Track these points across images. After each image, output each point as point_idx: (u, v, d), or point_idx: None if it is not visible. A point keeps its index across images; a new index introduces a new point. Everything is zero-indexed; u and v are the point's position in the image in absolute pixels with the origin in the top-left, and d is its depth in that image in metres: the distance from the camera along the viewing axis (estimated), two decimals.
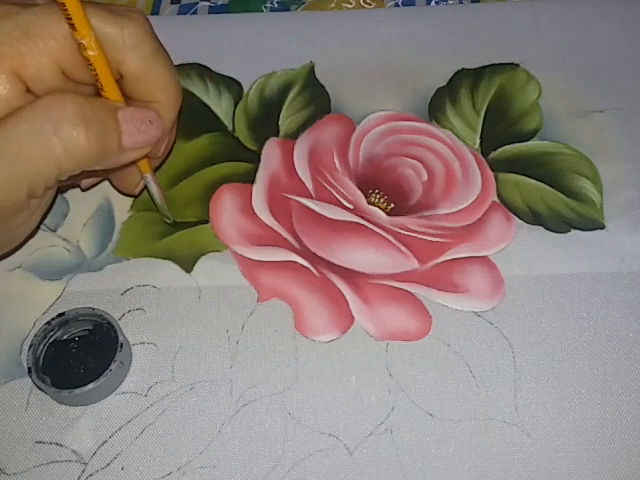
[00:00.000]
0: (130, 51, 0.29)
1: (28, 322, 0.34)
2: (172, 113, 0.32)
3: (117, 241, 0.37)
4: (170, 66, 0.31)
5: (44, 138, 0.27)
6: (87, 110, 0.28)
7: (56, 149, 0.27)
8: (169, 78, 0.31)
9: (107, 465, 0.31)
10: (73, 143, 0.28)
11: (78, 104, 0.28)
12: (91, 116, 0.28)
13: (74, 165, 0.28)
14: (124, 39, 0.29)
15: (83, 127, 0.28)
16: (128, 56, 0.29)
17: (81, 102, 0.28)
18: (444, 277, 0.35)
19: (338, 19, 0.47)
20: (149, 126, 0.30)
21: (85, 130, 0.28)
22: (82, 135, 0.28)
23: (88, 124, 0.28)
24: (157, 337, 0.34)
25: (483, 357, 0.33)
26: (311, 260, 0.36)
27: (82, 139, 0.28)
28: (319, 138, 0.41)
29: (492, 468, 0.30)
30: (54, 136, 0.27)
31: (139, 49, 0.29)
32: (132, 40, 0.29)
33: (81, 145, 0.28)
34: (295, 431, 0.31)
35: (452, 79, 0.43)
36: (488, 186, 0.39)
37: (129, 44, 0.29)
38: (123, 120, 0.30)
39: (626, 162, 0.39)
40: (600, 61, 0.44)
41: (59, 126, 0.27)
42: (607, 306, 0.34)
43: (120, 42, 0.29)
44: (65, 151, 0.28)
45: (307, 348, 0.33)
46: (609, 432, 0.31)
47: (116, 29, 0.28)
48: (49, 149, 0.27)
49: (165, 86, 0.31)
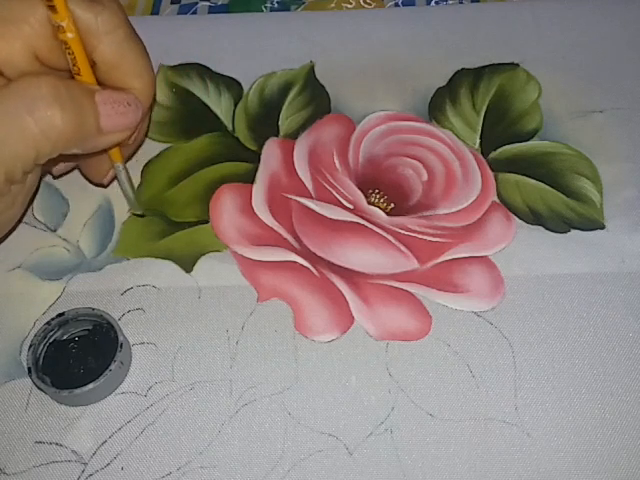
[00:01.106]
0: (104, 37, 0.29)
1: (28, 322, 0.34)
2: (147, 100, 0.32)
3: (117, 241, 0.37)
4: (144, 53, 0.31)
5: (18, 119, 0.27)
6: (62, 91, 0.28)
7: (31, 129, 0.27)
8: (143, 64, 0.31)
9: (107, 465, 0.31)
10: (49, 123, 0.27)
11: (53, 85, 0.28)
12: (66, 96, 0.28)
13: (51, 146, 0.28)
14: (98, 25, 0.29)
15: (58, 107, 0.27)
16: (102, 42, 0.29)
17: (56, 83, 0.28)
18: (444, 277, 0.35)
19: (338, 19, 0.47)
20: (127, 108, 0.30)
21: (60, 110, 0.28)
22: (57, 115, 0.27)
23: (63, 104, 0.28)
24: (157, 337, 0.34)
25: (483, 357, 0.33)
26: (311, 260, 0.36)
27: (57, 119, 0.28)
28: (319, 138, 0.41)
29: (492, 468, 0.30)
30: (29, 116, 0.27)
31: (113, 35, 0.29)
32: (106, 26, 0.29)
33: (57, 125, 0.28)
34: (295, 431, 0.31)
35: (452, 79, 0.43)
36: (488, 186, 0.39)
37: (103, 30, 0.29)
38: (100, 101, 0.29)
39: (626, 162, 0.39)
40: (600, 61, 0.44)
41: (33, 106, 0.27)
42: (607, 306, 0.34)
43: (94, 28, 0.29)
44: (41, 132, 0.27)
45: (307, 348, 0.33)
46: (609, 432, 0.31)
47: (90, 14, 0.28)
48: (24, 130, 0.27)
49: (139, 72, 0.31)
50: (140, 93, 0.31)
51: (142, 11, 0.48)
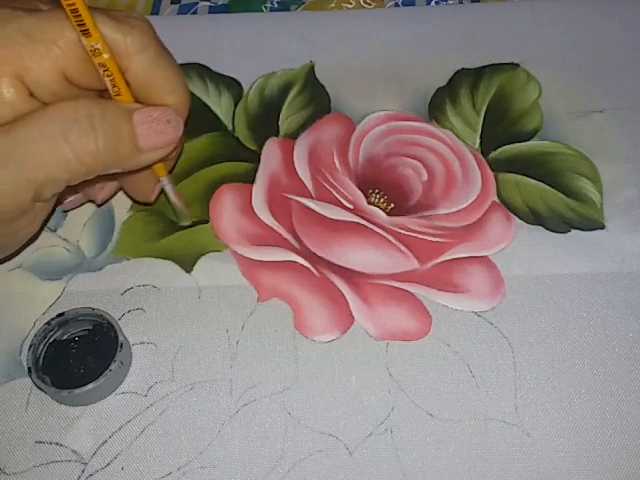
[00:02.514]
0: (134, 57, 0.29)
1: (28, 322, 0.34)
2: (183, 115, 0.32)
3: (117, 241, 0.37)
4: (176, 69, 0.31)
5: (54, 143, 0.27)
6: (97, 114, 0.28)
7: (66, 154, 0.28)
8: (176, 81, 0.31)
9: (107, 465, 0.31)
10: (83, 148, 0.28)
11: (89, 109, 0.28)
12: (101, 120, 0.28)
13: (85, 170, 0.29)
14: (127, 45, 0.29)
15: (92, 132, 0.28)
16: (132, 62, 0.29)
17: (92, 107, 0.28)
18: (444, 277, 0.35)
19: (338, 19, 0.47)
20: (166, 126, 0.30)
21: (94, 135, 0.28)
22: (91, 140, 0.28)
23: (98, 129, 0.28)
24: (157, 337, 0.34)
25: (483, 357, 0.33)
26: (311, 260, 0.36)
27: (92, 144, 0.28)
28: (319, 138, 0.41)
29: (492, 468, 0.30)
30: (64, 141, 0.27)
31: (143, 55, 0.29)
32: (136, 46, 0.29)
33: (91, 150, 0.28)
34: (295, 431, 0.31)
35: (452, 79, 0.43)
36: (488, 186, 0.39)
37: (133, 50, 0.29)
38: (138, 122, 0.29)
39: (626, 162, 0.39)
40: (600, 61, 0.44)
41: (69, 131, 0.27)
42: (607, 306, 0.34)
43: (123, 48, 0.29)
44: (75, 157, 0.28)
45: (307, 348, 0.33)
46: (609, 432, 0.31)
47: (119, 35, 0.28)
48: (59, 154, 0.27)
49: (173, 89, 0.31)
50: (176, 109, 0.31)
51: (142, 11, 0.48)
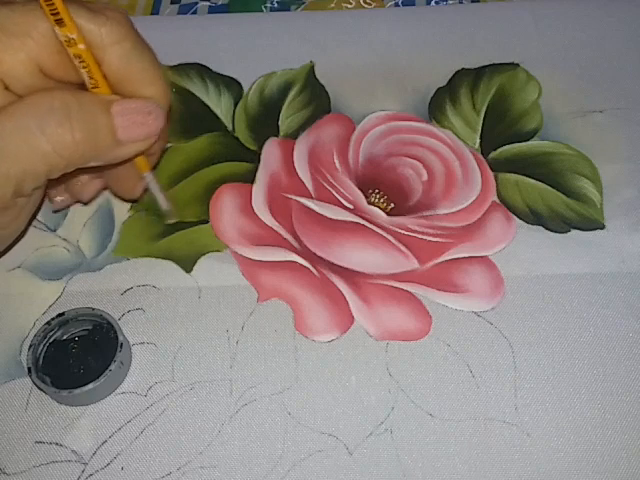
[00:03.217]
0: (109, 48, 0.28)
1: (28, 322, 0.34)
2: (163, 107, 0.31)
3: (117, 241, 0.37)
4: (153, 61, 0.30)
5: (30, 135, 0.27)
6: (74, 106, 0.28)
7: (43, 147, 0.27)
8: (154, 73, 0.30)
9: (107, 465, 0.31)
10: (60, 140, 0.27)
11: (65, 101, 0.27)
12: (78, 112, 0.28)
13: (64, 163, 0.28)
14: (102, 36, 0.28)
15: (68, 123, 0.27)
16: (108, 53, 0.29)
17: (68, 99, 0.28)
18: (444, 277, 0.35)
19: (338, 19, 0.47)
20: (147, 117, 0.30)
21: (70, 127, 0.27)
22: (68, 132, 0.27)
23: (74, 121, 0.28)
24: (157, 337, 0.34)
25: (483, 357, 0.33)
26: (311, 260, 0.36)
27: (68, 136, 0.27)
28: (319, 138, 0.41)
29: (492, 468, 0.30)
30: (40, 133, 0.27)
31: (119, 46, 0.29)
32: (111, 37, 0.28)
33: (68, 142, 0.27)
34: (295, 431, 0.31)
35: (452, 79, 0.43)
36: (488, 186, 0.39)
37: (108, 41, 0.28)
38: (117, 113, 0.29)
39: (626, 162, 0.39)
40: (600, 61, 0.44)
41: (45, 123, 0.27)
42: (607, 306, 0.34)
43: (99, 39, 0.28)
44: (53, 149, 0.27)
45: (307, 348, 0.33)
46: (609, 432, 0.31)
47: (94, 26, 0.28)
48: (35, 147, 0.27)
49: (150, 81, 0.30)
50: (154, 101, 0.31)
51: (142, 11, 0.48)
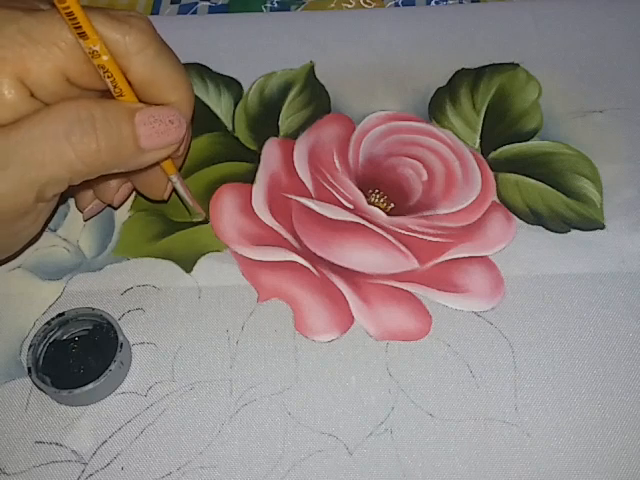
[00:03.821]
0: (134, 57, 0.29)
1: (28, 322, 0.34)
2: (187, 111, 0.32)
3: (117, 241, 0.37)
4: (178, 65, 0.31)
5: (56, 143, 0.27)
6: (98, 115, 0.28)
7: (68, 154, 0.28)
8: (178, 78, 0.31)
9: (107, 465, 0.31)
10: (84, 149, 0.28)
11: (90, 110, 0.28)
12: (103, 121, 0.28)
13: (87, 170, 0.29)
14: (127, 45, 0.28)
15: (93, 132, 0.28)
16: (132, 62, 0.29)
17: (94, 107, 0.28)
18: (444, 277, 0.35)
19: (338, 19, 0.47)
20: (169, 126, 0.30)
21: (96, 136, 0.28)
22: (93, 141, 0.28)
23: (99, 130, 0.28)
24: (157, 337, 0.34)
25: (483, 357, 0.33)
26: (311, 260, 0.36)
27: (93, 145, 0.28)
28: (319, 138, 0.41)
29: (492, 468, 0.30)
30: (66, 141, 0.27)
31: (143, 54, 0.29)
32: (135, 46, 0.28)
33: (92, 151, 0.28)
34: (295, 431, 0.31)
35: (452, 79, 0.43)
36: (488, 186, 0.39)
37: (132, 50, 0.28)
38: (140, 123, 0.29)
39: (626, 162, 0.39)
40: (600, 61, 0.44)
41: (70, 131, 0.27)
42: (607, 306, 0.34)
43: (123, 48, 0.28)
44: (77, 156, 0.28)
45: (307, 348, 0.33)
46: (609, 432, 0.31)
47: (118, 35, 0.28)
48: (61, 154, 0.28)
49: (175, 86, 0.31)
50: (179, 106, 0.31)
51: (142, 11, 0.48)
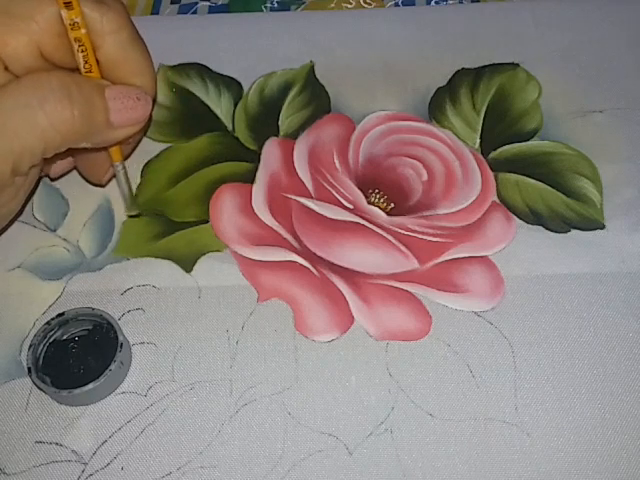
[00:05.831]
0: (107, 36, 0.30)
1: (28, 322, 0.34)
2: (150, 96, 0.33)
3: (117, 241, 0.37)
4: (146, 53, 0.32)
5: (30, 112, 0.28)
6: (72, 85, 0.29)
7: (42, 122, 0.28)
8: (146, 64, 0.32)
9: (107, 465, 0.31)
10: (59, 117, 0.28)
11: (63, 80, 0.29)
12: (77, 91, 0.29)
13: (60, 140, 0.29)
14: (103, 24, 0.29)
15: (68, 101, 0.28)
16: (106, 40, 0.30)
17: (66, 78, 0.29)
18: (444, 277, 0.35)
19: (338, 19, 0.47)
20: (137, 102, 0.31)
21: (70, 103, 0.28)
22: (67, 108, 0.28)
23: (73, 98, 0.29)
24: (157, 337, 0.34)
25: (483, 357, 0.33)
26: (311, 260, 0.36)
27: (67, 112, 0.28)
28: (319, 138, 0.41)
29: (492, 468, 0.30)
30: (39, 110, 0.28)
31: (117, 35, 0.30)
32: (111, 26, 0.30)
33: (67, 118, 0.28)
34: (295, 431, 0.31)
35: (452, 79, 0.43)
36: (488, 186, 0.39)
37: (107, 29, 0.30)
38: (110, 97, 0.30)
39: (626, 162, 0.39)
40: (600, 61, 0.44)
41: (44, 100, 0.28)
42: (607, 306, 0.34)
43: (99, 26, 0.29)
44: (51, 125, 0.28)
45: (307, 348, 0.33)
46: (609, 432, 0.31)
47: (97, 14, 0.29)
48: (35, 123, 0.28)
49: (141, 72, 0.32)
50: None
51: (142, 11, 0.48)
